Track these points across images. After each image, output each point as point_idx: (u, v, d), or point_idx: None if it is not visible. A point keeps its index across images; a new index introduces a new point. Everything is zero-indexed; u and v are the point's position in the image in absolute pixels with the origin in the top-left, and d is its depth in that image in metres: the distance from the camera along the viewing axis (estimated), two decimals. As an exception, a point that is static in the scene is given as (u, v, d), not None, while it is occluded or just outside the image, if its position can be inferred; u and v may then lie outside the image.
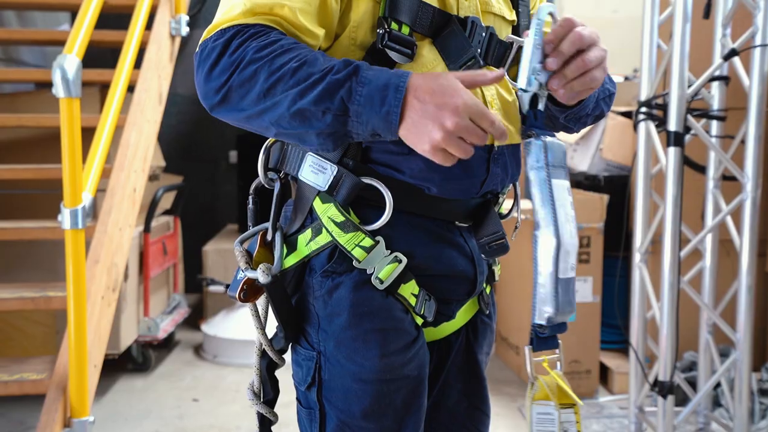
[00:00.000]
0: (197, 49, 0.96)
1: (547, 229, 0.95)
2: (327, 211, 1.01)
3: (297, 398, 1.09)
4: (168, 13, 3.23)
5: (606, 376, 3.12)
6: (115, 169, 2.56)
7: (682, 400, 2.65)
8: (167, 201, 3.72)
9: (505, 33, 1.11)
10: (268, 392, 1.10)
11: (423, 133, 0.87)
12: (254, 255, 1.05)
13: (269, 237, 1.06)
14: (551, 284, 0.95)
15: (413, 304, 1.04)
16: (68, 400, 2.04)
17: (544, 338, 1.03)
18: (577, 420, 0.99)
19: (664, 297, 2.34)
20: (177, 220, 3.79)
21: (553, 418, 0.99)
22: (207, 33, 0.95)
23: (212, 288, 3.80)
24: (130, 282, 3.08)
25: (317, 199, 1.02)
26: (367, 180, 1.00)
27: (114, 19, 3.64)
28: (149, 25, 3.08)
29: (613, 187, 3.10)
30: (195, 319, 3.92)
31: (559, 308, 0.96)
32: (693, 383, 2.73)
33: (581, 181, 3.32)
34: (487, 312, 1.21)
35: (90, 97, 3.06)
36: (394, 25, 0.97)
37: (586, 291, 2.94)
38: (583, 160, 3.28)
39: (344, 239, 1.00)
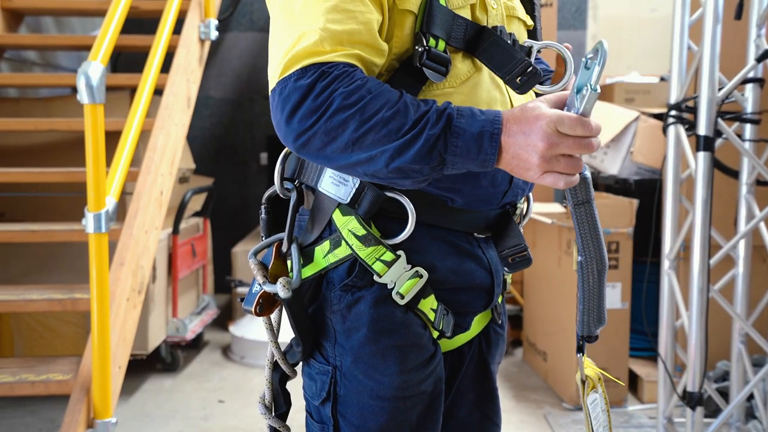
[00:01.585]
0: (274, 84, 0.92)
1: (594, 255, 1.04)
2: (348, 224, 0.99)
3: (307, 411, 1.08)
4: (198, 17, 3.27)
5: (636, 384, 3.05)
6: (142, 172, 2.60)
7: (714, 411, 2.58)
8: (197, 203, 3.76)
9: (522, 38, 1.10)
10: (280, 405, 1.09)
11: (523, 164, 0.88)
12: (270, 267, 1.03)
13: (284, 248, 1.03)
14: (598, 302, 1.05)
15: (432, 319, 1.03)
16: (92, 401, 2.08)
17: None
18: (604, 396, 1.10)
19: (693, 305, 2.28)
20: (207, 221, 3.84)
21: (599, 400, 1.10)
22: (285, 68, 0.90)
23: (240, 289, 3.83)
24: (159, 283, 3.12)
25: (337, 211, 1.00)
26: (390, 194, 0.98)
27: (148, 23, 3.71)
28: (179, 30, 3.13)
29: (644, 191, 3.04)
30: (224, 319, 3.96)
31: (603, 322, 1.06)
32: (726, 394, 2.65)
33: (611, 185, 3.26)
34: (500, 322, 1.19)
35: (120, 101, 3.11)
36: (431, 41, 0.95)
37: (615, 297, 2.88)
38: (613, 163, 3.21)
39: (365, 253, 0.98)
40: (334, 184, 0.99)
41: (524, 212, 1.17)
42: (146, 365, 3.24)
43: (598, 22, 4.86)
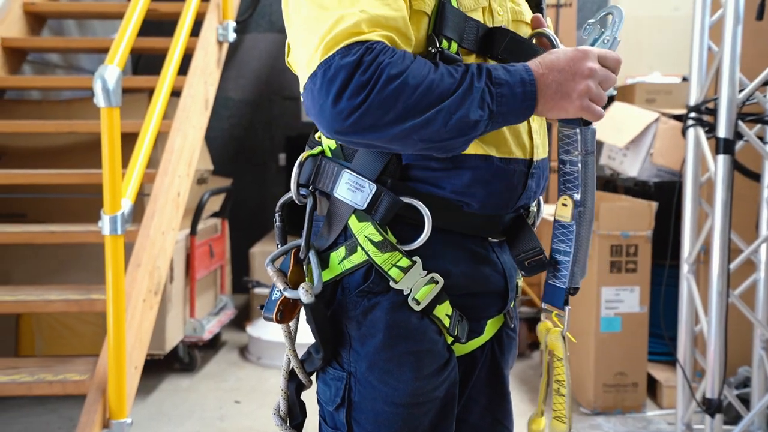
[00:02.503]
0: (313, 68, 0.89)
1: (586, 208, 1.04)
2: (364, 230, 0.99)
3: (321, 416, 1.08)
4: (216, 19, 3.29)
5: (654, 389, 3.01)
6: (159, 174, 2.62)
7: (735, 418, 2.54)
8: (216, 203, 3.78)
9: None
10: (296, 416, 1.09)
11: (567, 94, 0.93)
12: (288, 274, 1.03)
13: (302, 255, 1.03)
14: (586, 253, 1.06)
15: (447, 325, 1.03)
16: (107, 401, 2.10)
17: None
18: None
19: (712, 310, 2.24)
20: (225, 222, 3.86)
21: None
22: (326, 49, 0.89)
23: (258, 290, 3.84)
24: (176, 284, 3.15)
25: (353, 217, 1.00)
26: (407, 199, 0.98)
27: (168, 25, 3.74)
28: (198, 32, 3.14)
29: (664, 194, 2.99)
30: (242, 320, 3.98)
31: (585, 273, 1.07)
32: (747, 400, 2.60)
33: (630, 187, 3.22)
34: (512, 325, 1.18)
35: (138, 103, 3.13)
36: (444, 43, 0.96)
37: (633, 301, 2.84)
38: (632, 165, 3.17)
39: (381, 259, 0.98)
40: (351, 190, 0.99)
41: (535, 215, 1.16)
42: (164, 365, 3.27)
43: (619, 21, 4.81)
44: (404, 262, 0.98)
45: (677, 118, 3.14)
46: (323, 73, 0.88)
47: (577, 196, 1.00)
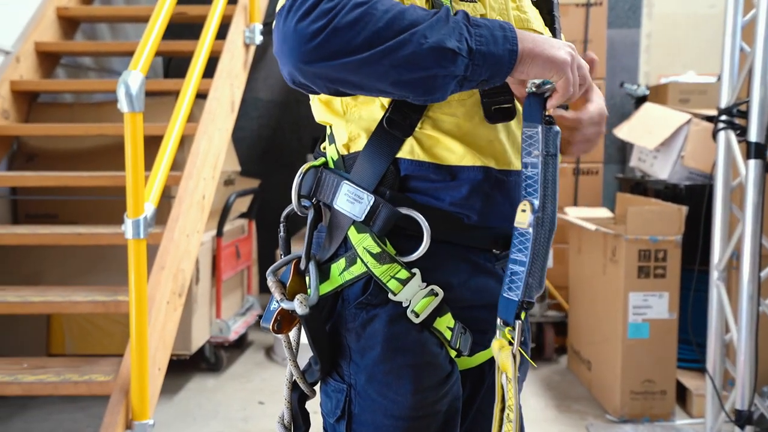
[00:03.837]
0: (283, 1, 0.87)
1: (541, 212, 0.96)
2: (362, 242, 0.98)
3: (324, 428, 1.08)
4: (242, 22, 3.30)
5: (684, 398, 2.94)
6: (184, 177, 2.64)
7: (767, 430, 2.47)
8: (243, 204, 3.81)
9: None
10: (299, 426, 1.09)
11: (551, 46, 0.89)
12: (288, 284, 1.03)
13: (302, 265, 1.03)
14: (543, 264, 0.97)
15: (448, 338, 1.01)
16: (130, 402, 2.12)
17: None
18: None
19: (743, 319, 2.18)
20: (252, 223, 3.88)
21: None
22: None
23: (284, 291, 3.85)
24: (202, 285, 3.18)
25: (352, 228, 0.99)
26: (404, 210, 0.97)
27: (199, 28, 3.77)
28: (225, 35, 3.17)
29: (695, 197, 2.92)
30: (269, 320, 4.00)
31: (542, 287, 0.98)
32: (780, 411, 2.53)
33: (661, 190, 3.15)
34: (522, 338, 1.16)
35: (166, 106, 3.17)
36: None
37: (662, 307, 2.78)
38: (663, 167, 3.10)
39: (379, 271, 0.97)
40: (350, 202, 0.98)
41: None
42: (191, 365, 3.31)
43: (653, 19, 4.71)
44: (403, 274, 0.97)
45: (710, 119, 3.06)
46: (291, 3, 0.85)
47: (536, 202, 0.93)
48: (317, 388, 1.08)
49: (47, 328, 3.09)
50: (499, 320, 0.97)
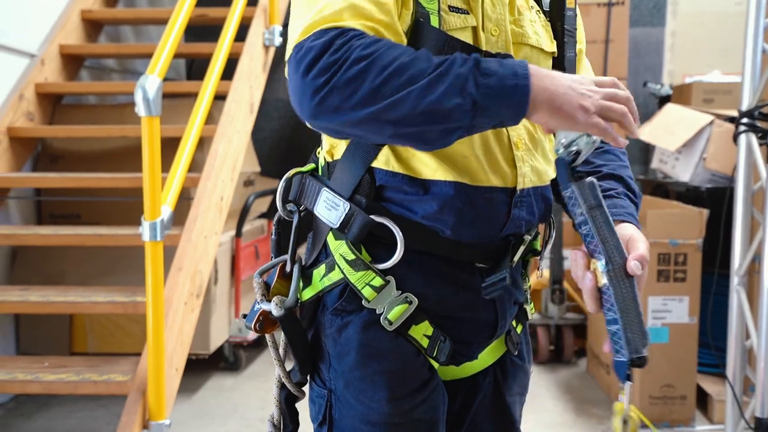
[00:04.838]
0: (291, 51, 0.88)
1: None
2: (339, 248, 1.00)
3: None
4: (262, 24, 3.33)
5: (705, 403, 2.90)
6: (202, 178, 2.67)
7: (789, 437, 2.42)
8: (263, 204, 3.84)
9: (544, 65, 1.05)
10: (287, 425, 1.10)
11: (569, 103, 0.85)
12: (272, 287, 1.06)
13: (287, 269, 1.06)
14: (637, 314, 0.94)
15: (425, 345, 1.02)
16: (147, 402, 2.15)
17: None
18: None
19: (763, 325, 2.14)
20: (271, 223, 3.90)
21: None
22: (302, 34, 0.88)
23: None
24: (221, 285, 3.21)
25: (330, 234, 1.01)
26: (378, 219, 0.98)
27: (220, 30, 3.80)
28: (245, 37, 3.19)
29: (717, 199, 2.87)
30: (288, 319, 4.02)
31: (647, 338, 0.96)
32: (803, 418, 2.48)
33: (682, 192, 3.11)
34: (516, 352, 1.15)
35: (186, 107, 3.20)
36: None
37: (682, 311, 2.74)
38: (685, 169, 3.06)
39: (355, 277, 0.99)
40: (327, 209, 1.00)
41: (547, 238, 1.13)
42: (209, 364, 3.34)
43: (677, 17, 4.64)
44: (377, 281, 0.98)
45: (732, 120, 3.01)
46: (295, 53, 0.87)
47: (602, 258, 0.92)
48: (306, 390, 1.09)
49: (70, 327, 3.14)
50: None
